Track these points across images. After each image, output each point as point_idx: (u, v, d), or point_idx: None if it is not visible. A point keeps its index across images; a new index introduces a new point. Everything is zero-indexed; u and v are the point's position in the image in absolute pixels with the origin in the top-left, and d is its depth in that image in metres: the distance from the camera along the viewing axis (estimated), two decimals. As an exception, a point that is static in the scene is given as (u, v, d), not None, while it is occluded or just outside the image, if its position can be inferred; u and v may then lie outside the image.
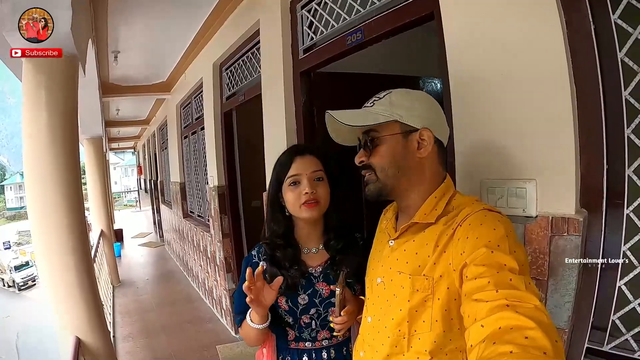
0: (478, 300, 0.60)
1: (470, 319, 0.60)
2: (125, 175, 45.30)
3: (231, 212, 3.55)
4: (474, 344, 0.55)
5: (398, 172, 0.81)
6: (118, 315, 4.39)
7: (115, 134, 10.40)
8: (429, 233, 0.78)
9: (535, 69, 0.93)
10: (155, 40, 3.72)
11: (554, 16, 0.89)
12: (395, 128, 0.81)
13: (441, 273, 0.73)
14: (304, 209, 1.03)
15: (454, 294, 0.72)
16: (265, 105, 2.35)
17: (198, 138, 4.44)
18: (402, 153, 0.81)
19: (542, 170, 0.94)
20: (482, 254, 0.65)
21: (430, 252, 0.76)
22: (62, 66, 1.94)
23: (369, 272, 0.94)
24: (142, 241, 9.38)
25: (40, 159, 1.91)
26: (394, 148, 0.81)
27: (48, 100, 1.90)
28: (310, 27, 1.96)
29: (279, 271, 1.04)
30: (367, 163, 0.84)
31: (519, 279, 0.59)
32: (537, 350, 0.48)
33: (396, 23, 1.38)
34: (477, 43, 1.05)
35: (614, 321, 0.92)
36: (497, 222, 0.69)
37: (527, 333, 0.51)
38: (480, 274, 0.62)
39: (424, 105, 0.82)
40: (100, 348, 2.03)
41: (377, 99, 0.84)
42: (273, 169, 1.11)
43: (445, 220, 0.77)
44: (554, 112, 0.91)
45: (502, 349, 0.50)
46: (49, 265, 1.95)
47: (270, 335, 1.09)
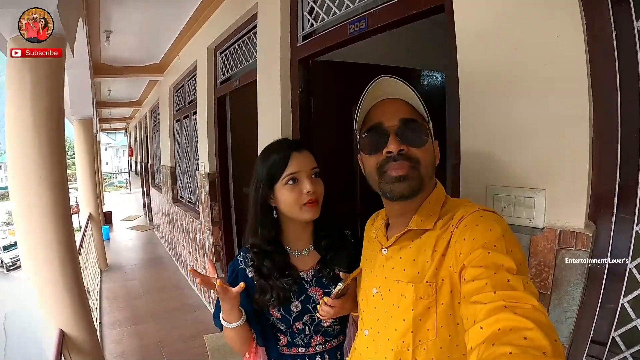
0: (476, 302, 0.59)
1: (469, 321, 0.59)
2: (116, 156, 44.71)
3: (222, 200, 3.49)
4: (474, 346, 0.55)
5: (432, 176, 0.80)
6: (105, 300, 4.33)
7: (107, 114, 10.19)
8: (425, 239, 0.76)
9: (551, 72, 0.87)
10: (149, 20, 3.59)
11: (574, 18, 0.83)
12: (427, 131, 0.79)
13: (443, 277, 0.72)
14: (306, 210, 0.95)
15: (457, 297, 0.70)
16: (261, 92, 2.27)
17: (190, 122, 4.34)
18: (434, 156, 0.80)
19: (552, 180, 0.89)
20: (479, 255, 0.64)
21: (429, 258, 0.74)
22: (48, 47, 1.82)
23: (361, 284, 0.90)
24: (132, 224, 9.28)
25: (23, 141, 1.83)
26: (432, 148, 0.80)
27: (33, 82, 1.81)
28: (310, 13, 1.87)
29: (268, 283, 0.98)
30: (410, 154, 0.75)
31: (516, 279, 0.59)
32: (536, 351, 0.48)
33: (403, 13, 1.31)
34: (490, 40, 0.98)
35: (614, 338, 0.90)
36: (493, 222, 0.68)
37: (526, 334, 0.50)
38: (477, 275, 0.62)
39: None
40: (85, 341, 1.98)
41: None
42: (260, 166, 0.99)
43: (441, 223, 0.76)
44: (569, 119, 0.86)
45: (502, 350, 0.50)
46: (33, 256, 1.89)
47: (253, 342, 1.03)
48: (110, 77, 5.23)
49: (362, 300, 0.88)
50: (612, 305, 0.89)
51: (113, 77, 5.30)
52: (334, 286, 0.93)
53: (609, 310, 0.90)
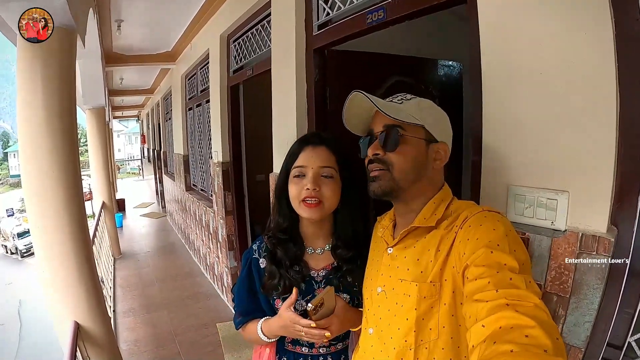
0: (478, 300, 0.60)
1: (471, 320, 0.60)
2: (129, 143, 45.34)
3: (235, 189, 3.50)
4: (475, 344, 0.55)
5: (415, 178, 0.81)
6: (119, 288, 4.40)
7: (119, 102, 10.26)
8: (430, 238, 0.78)
9: (577, 69, 0.84)
10: (160, 9, 3.56)
11: (603, 15, 0.79)
12: (421, 133, 0.81)
13: (446, 277, 0.73)
14: (303, 208, 0.95)
15: (460, 298, 0.71)
16: (275, 82, 2.24)
17: (203, 111, 4.34)
18: (423, 160, 0.81)
19: (576, 182, 0.86)
20: (482, 254, 0.65)
21: (432, 257, 0.75)
22: (59, 39, 1.82)
23: (367, 283, 0.91)
24: (144, 211, 9.44)
25: (36, 129, 1.83)
26: (417, 152, 0.81)
27: (44, 75, 1.80)
28: (326, 2, 1.83)
29: (278, 270, 0.99)
30: (383, 158, 0.81)
31: (519, 278, 0.59)
32: (537, 349, 0.48)
33: (424, 4, 1.26)
34: (515, 35, 0.94)
35: (630, 342, 0.89)
36: (497, 222, 0.69)
37: (528, 332, 0.51)
38: (480, 274, 0.62)
39: (445, 121, 0.85)
40: (99, 332, 2.00)
41: (404, 99, 0.84)
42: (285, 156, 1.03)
43: (445, 224, 0.77)
44: (594, 118, 0.83)
45: (503, 348, 0.50)
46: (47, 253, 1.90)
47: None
48: (122, 65, 5.23)
49: (367, 299, 0.89)
50: (630, 310, 0.88)
51: (125, 66, 5.29)
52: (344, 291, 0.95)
53: (626, 315, 0.88)
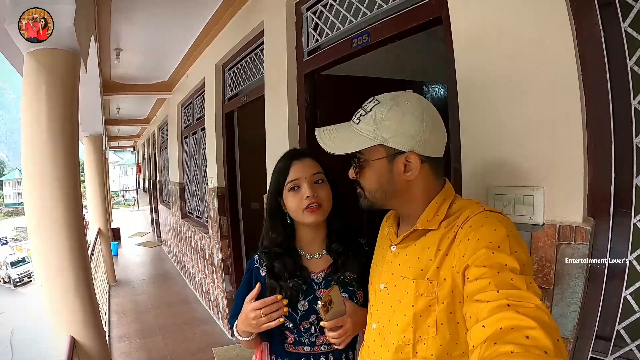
0: (479, 300, 0.60)
1: (471, 320, 0.60)
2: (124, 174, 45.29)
3: (230, 213, 3.53)
4: (476, 344, 0.55)
5: (385, 195, 0.81)
6: (114, 314, 4.36)
7: (115, 132, 10.37)
8: (430, 237, 0.78)
9: (545, 75, 0.93)
10: (157, 39, 3.71)
11: (564, 23, 0.89)
12: (380, 152, 0.78)
13: (445, 276, 0.73)
14: (307, 214, 1.02)
15: (459, 297, 0.71)
16: (268, 107, 2.34)
17: (199, 138, 4.43)
18: (388, 177, 0.79)
19: (550, 178, 0.93)
20: (482, 255, 0.65)
21: (432, 256, 0.76)
22: (64, 61, 1.92)
23: (372, 279, 0.94)
24: (140, 240, 9.33)
25: (39, 155, 1.89)
26: (379, 172, 0.80)
27: (48, 95, 1.88)
28: (315, 29, 1.96)
29: (278, 283, 1.03)
30: (358, 180, 0.85)
31: (520, 279, 0.59)
32: (538, 350, 0.49)
33: (403, 26, 1.38)
34: (486, 48, 1.04)
35: (618, 331, 0.91)
36: (498, 223, 0.69)
37: (528, 333, 0.51)
38: (481, 275, 0.62)
39: (412, 121, 0.75)
40: (95, 348, 1.99)
41: (363, 114, 0.80)
42: (272, 177, 1.08)
43: (446, 223, 0.77)
44: (563, 119, 0.90)
45: (503, 349, 0.50)
46: (45, 263, 1.92)
47: (260, 342, 1.08)
48: (120, 94, 5.36)
49: (372, 295, 0.91)
50: (615, 298, 0.91)
51: (122, 95, 5.42)
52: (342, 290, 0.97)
53: (612, 303, 0.91)
